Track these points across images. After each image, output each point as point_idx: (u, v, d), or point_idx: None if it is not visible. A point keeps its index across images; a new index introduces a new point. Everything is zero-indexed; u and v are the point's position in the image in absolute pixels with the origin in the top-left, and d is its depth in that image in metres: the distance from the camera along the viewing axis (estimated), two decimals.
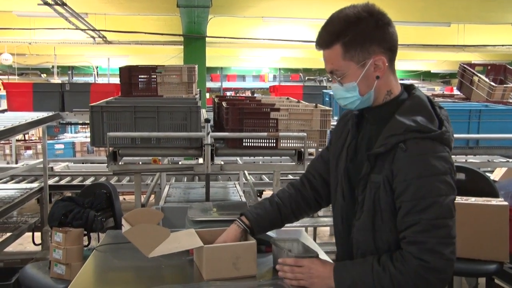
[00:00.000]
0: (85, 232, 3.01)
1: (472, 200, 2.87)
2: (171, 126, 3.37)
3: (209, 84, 18.49)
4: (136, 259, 2.03)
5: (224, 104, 3.58)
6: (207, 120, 3.37)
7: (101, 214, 3.07)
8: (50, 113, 5.34)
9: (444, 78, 22.06)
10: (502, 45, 11.44)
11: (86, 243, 3.05)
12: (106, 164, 3.22)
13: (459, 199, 2.89)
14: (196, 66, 4.89)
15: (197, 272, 1.92)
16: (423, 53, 13.92)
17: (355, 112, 1.64)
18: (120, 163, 3.34)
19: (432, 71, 20.48)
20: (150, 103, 3.61)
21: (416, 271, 1.39)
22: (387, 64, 1.47)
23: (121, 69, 4.72)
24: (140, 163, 5.89)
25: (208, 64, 10.62)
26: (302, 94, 6.67)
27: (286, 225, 1.92)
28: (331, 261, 1.73)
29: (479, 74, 4.83)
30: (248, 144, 3.40)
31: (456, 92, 15.60)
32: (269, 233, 2.07)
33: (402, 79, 20.46)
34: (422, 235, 1.39)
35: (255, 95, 16.37)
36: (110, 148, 3.26)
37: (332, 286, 1.52)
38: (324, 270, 1.57)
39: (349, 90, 1.50)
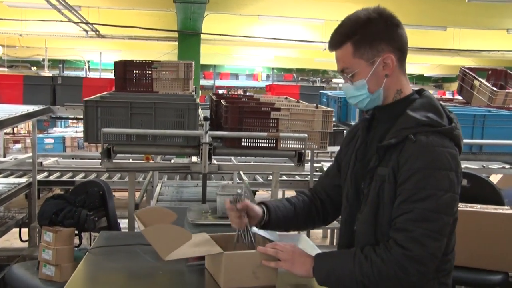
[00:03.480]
0: (77, 232, 2.88)
1: (478, 207, 2.80)
2: (168, 124, 3.26)
3: (202, 82, 18.34)
4: (131, 263, 1.94)
5: (223, 102, 3.48)
6: (206, 118, 3.26)
7: (94, 213, 2.95)
8: (41, 107, 5.21)
9: (437, 82, 22.13)
10: (498, 51, 11.46)
11: (77, 243, 2.93)
12: (98, 160, 3.10)
13: (463, 206, 2.81)
14: (193, 62, 4.78)
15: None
16: (417, 56, 13.87)
17: (366, 116, 1.67)
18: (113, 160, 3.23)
19: (425, 75, 20.52)
20: (147, 99, 3.49)
21: (397, 259, 1.40)
22: (395, 63, 1.52)
23: (116, 63, 4.60)
24: (130, 160, 5.77)
25: (202, 61, 10.51)
26: (298, 94, 6.59)
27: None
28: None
29: (480, 79, 4.77)
30: (247, 144, 3.30)
31: (448, 96, 15.57)
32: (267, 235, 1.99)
33: None
34: (412, 223, 1.40)
35: (247, 93, 16.27)
36: (104, 145, 3.15)
37: (311, 271, 1.55)
38: (306, 257, 1.59)
39: (359, 88, 1.54)
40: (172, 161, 6.12)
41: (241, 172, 5.17)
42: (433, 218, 1.40)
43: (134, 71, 4.60)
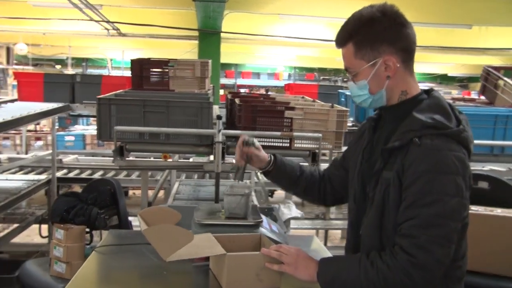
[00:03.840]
0: (88, 230, 2.88)
1: (498, 211, 2.69)
2: (182, 122, 3.25)
3: (224, 81, 18.34)
4: (136, 262, 1.92)
5: (237, 101, 3.45)
6: (219, 117, 3.23)
7: (105, 211, 2.94)
8: (60, 105, 5.26)
9: (462, 82, 21.68)
10: None
11: (88, 240, 2.92)
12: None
13: (482, 210, 2.71)
14: (210, 61, 4.76)
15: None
16: (441, 55, 13.62)
17: (373, 116, 1.65)
18: (129, 157, 3.22)
19: (449, 75, 20.12)
20: (160, 97, 3.49)
21: (402, 266, 1.37)
22: (398, 65, 1.48)
23: (132, 61, 4.62)
24: (152, 158, 5.78)
25: (223, 60, 10.48)
26: (317, 93, 6.52)
27: (298, 230, 1.88)
28: None
29: (505, 78, 4.61)
30: (260, 143, 3.25)
31: (474, 96, 15.25)
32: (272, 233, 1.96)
33: (419, 82, 20.15)
34: (417, 230, 1.36)
35: (269, 93, 16.23)
36: (117, 143, 3.15)
37: (314, 276, 1.51)
38: (311, 261, 1.55)
39: (361, 88, 1.53)
40: (191, 159, 6.11)
41: (258, 172, 5.12)
42: (439, 223, 1.36)
43: (151, 70, 4.61)
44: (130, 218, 3.16)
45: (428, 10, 8.93)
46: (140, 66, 4.54)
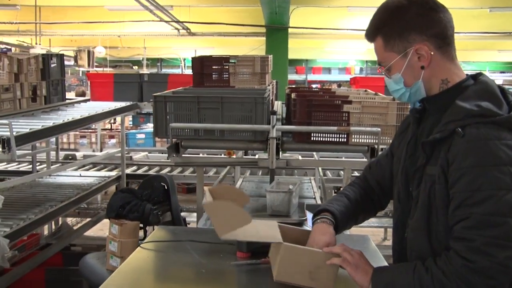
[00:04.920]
0: (141, 225, 2.93)
1: None
2: (236, 118, 3.21)
3: (294, 77, 18.29)
4: (177, 260, 1.92)
5: (292, 95, 3.36)
6: (273, 112, 3.17)
7: (158, 207, 2.98)
8: (128, 103, 5.44)
9: None
10: None
11: (142, 236, 2.97)
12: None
13: None
14: (270, 56, 4.70)
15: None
16: None
17: (417, 107, 1.53)
18: (189, 154, 3.22)
19: None
20: (215, 93, 3.47)
21: (459, 272, 1.24)
22: (432, 53, 1.38)
23: (193, 59, 4.65)
24: (222, 155, 5.83)
25: (293, 56, 10.42)
26: (383, 86, 6.25)
27: (364, 228, 1.76)
28: None
29: None
30: (316, 139, 3.16)
31: None
32: None
33: (503, 72, 18.92)
34: (471, 231, 1.24)
35: (341, 88, 15.91)
36: (173, 140, 3.17)
37: (370, 283, 1.41)
38: (370, 268, 1.45)
39: (397, 82, 1.44)
40: (257, 156, 6.09)
41: (320, 168, 5.01)
42: (496, 222, 1.21)
43: (212, 67, 4.62)
44: (184, 214, 3.17)
45: None
46: (201, 64, 4.56)
